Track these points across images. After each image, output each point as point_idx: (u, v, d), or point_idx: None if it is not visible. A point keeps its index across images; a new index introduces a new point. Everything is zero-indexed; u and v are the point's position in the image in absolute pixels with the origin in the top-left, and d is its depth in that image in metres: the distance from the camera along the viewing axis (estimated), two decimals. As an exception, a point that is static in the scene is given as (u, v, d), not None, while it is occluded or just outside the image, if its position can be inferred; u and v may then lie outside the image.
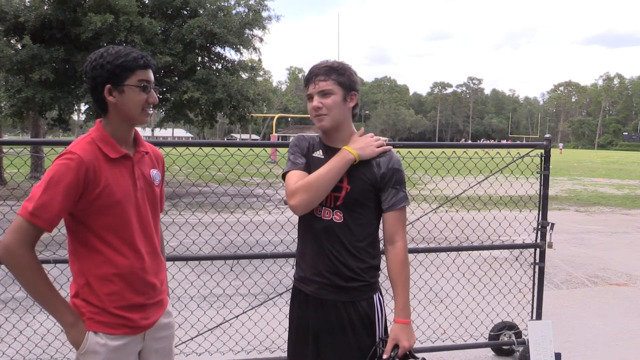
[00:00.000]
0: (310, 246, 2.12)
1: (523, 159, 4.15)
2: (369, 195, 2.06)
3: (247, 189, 13.67)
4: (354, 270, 2.06)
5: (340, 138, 2.11)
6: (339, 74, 2.05)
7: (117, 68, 1.83)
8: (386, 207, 2.08)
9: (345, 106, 2.07)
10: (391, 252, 2.08)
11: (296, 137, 2.21)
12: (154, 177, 2.04)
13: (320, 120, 2.06)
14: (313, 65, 2.10)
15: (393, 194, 2.06)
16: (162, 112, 18.65)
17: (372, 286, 2.12)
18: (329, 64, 2.07)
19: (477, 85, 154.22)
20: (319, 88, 2.04)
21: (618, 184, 21.91)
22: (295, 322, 2.18)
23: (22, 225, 1.72)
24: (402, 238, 2.09)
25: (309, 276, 2.11)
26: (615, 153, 79.67)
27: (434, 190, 5.58)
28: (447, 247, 4.52)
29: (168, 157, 3.39)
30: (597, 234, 9.95)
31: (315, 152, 2.14)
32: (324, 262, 2.07)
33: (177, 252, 5.15)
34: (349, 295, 2.07)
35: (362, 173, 2.05)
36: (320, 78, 2.04)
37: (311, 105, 2.06)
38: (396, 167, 2.08)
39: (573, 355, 4.33)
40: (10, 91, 14.77)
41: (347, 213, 2.05)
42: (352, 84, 2.08)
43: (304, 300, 2.14)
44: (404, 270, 2.08)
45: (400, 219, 2.09)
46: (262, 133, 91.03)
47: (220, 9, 16.64)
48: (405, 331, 2.04)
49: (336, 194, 2.04)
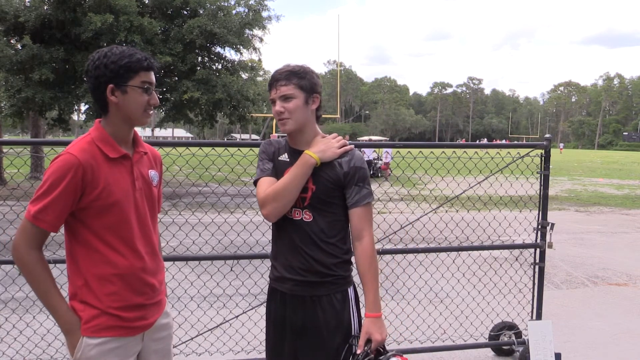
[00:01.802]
0: (283, 246, 2.17)
1: (523, 159, 4.15)
2: (334, 194, 2.12)
3: (247, 189, 13.66)
4: (326, 265, 2.11)
5: (304, 140, 2.16)
6: (300, 77, 2.09)
7: (121, 68, 1.84)
8: (351, 204, 2.13)
9: (308, 109, 2.12)
10: (359, 248, 2.12)
11: (263, 143, 2.28)
12: (152, 177, 2.04)
13: (284, 124, 2.12)
14: (275, 70, 2.15)
15: (356, 191, 2.12)
16: (162, 112, 18.65)
17: (346, 279, 2.17)
18: (290, 69, 2.11)
19: (477, 85, 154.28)
20: (280, 93, 2.09)
21: (618, 184, 21.92)
22: (273, 321, 2.22)
23: (27, 227, 1.79)
24: (368, 233, 2.13)
25: (284, 274, 2.16)
26: (615, 153, 79.66)
27: (434, 190, 5.58)
28: (447, 247, 4.53)
29: (168, 157, 3.40)
30: (597, 234, 9.95)
31: (281, 155, 2.21)
32: (298, 260, 2.12)
33: (177, 252, 5.14)
34: (323, 290, 2.12)
35: (325, 173, 2.11)
36: (281, 83, 2.09)
37: (274, 110, 2.12)
38: (358, 165, 2.13)
39: (573, 355, 4.33)
40: (10, 91, 14.78)
41: (316, 212, 2.11)
42: (313, 87, 2.12)
43: (281, 298, 2.18)
44: (372, 264, 2.11)
45: (365, 215, 2.13)
46: (262, 133, 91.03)
47: (220, 9, 16.63)
48: (377, 325, 2.07)
49: (303, 194, 2.11)
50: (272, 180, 2.14)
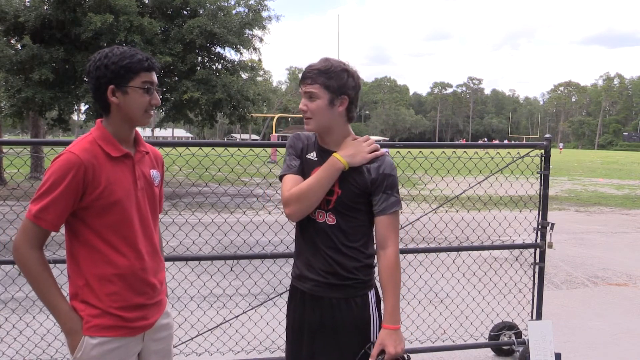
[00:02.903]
0: (306, 246, 2.13)
1: (523, 159, 4.15)
2: (360, 200, 2.06)
3: (247, 189, 13.67)
4: (347, 269, 2.07)
5: (333, 141, 2.10)
6: (327, 77, 2.01)
7: (121, 69, 1.84)
8: (377, 212, 2.06)
9: (333, 110, 2.04)
10: (382, 257, 2.06)
11: (292, 137, 2.21)
12: (153, 177, 2.04)
13: (307, 123, 2.08)
14: (307, 65, 2.07)
15: (384, 199, 2.05)
16: (162, 112, 18.64)
17: (367, 283, 2.13)
18: (320, 66, 2.04)
19: (477, 85, 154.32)
20: (306, 90, 2.04)
21: (618, 184, 21.91)
22: (292, 320, 2.19)
23: (28, 226, 1.79)
24: (393, 243, 2.06)
25: (305, 274, 2.13)
26: (615, 153, 79.65)
27: (434, 190, 5.58)
28: (447, 247, 4.53)
29: (168, 157, 3.40)
30: (597, 234, 9.95)
31: (310, 153, 2.14)
32: (319, 262, 2.08)
33: (177, 252, 5.14)
34: (344, 292, 2.08)
35: (352, 178, 2.05)
36: (307, 81, 2.04)
37: (299, 107, 2.09)
38: (387, 172, 2.05)
39: (573, 355, 4.33)
40: (10, 91, 14.77)
41: (340, 216, 2.06)
42: (341, 88, 2.03)
43: (301, 297, 2.15)
44: (394, 275, 2.04)
45: (391, 224, 2.06)
46: (262, 133, 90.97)
47: (220, 9, 16.63)
48: (392, 337, 2.00)
49: (328, 197, 2.05)
50: (298, 179, 2.08)
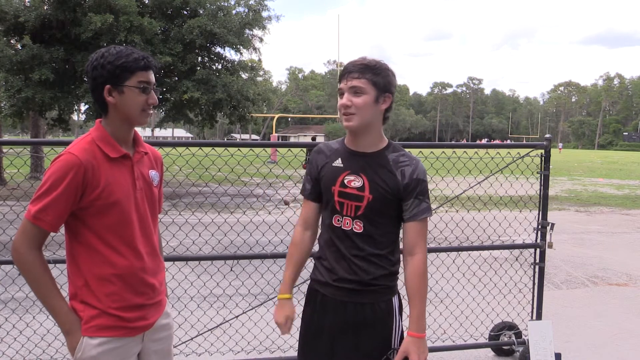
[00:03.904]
0: (329, 250, 2.09)
1: (523, 159, 4.15)
2: (391, 205, 2.01)
3: (247, 189, 13.67)
4: (374, 276, 2.03)
5: (367, 142, 2.04)
6: (375, 73, 1.96)
7: (117, 69, 1.83)
8: (407, 218, 2.02)
9: (377, 108, 1.99)
10: (410, 264, 2.01)
11: (314, 152, 2.15)
12: (152, 177, 2.03)
13: (348, 120, 1.98)
14: (349, 61, 2.02)
15: (415, 205, 2.00)
16: (162, 112, 18.66)
17: (391, 289, 2.08)
18: (366, 62, 1.98)
19: (477, 85, 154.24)
20: (351, 84, 1.96)
21: (618, 184, 21.91)
22: (309, 323, 2.15)
23: (27, 227, 1.79)
24: (422, 250, 2.01)
25: (327, 280, 2.08)
26: (615, 153, 79.63)
27: (434, 190, 5.58)
28: (447, 247, 4.52)
29: (168, 157, 3.40)
30: (597, 234, 9.95)
31: (334, 161, 2.07)
32: (343, 268, 2.04)
33: (177, 252, 5.14)
34: (367, 298, 2.04)
35: (384, 182, 1.99)
36: (353, 75, 1.96)
37: (340, 102, 1.99)
38: (421, 177, 2.01)
39: (573, 355, 4.32)
40: (10, 91, 14.76)
41: (368, 222, 2.00)
42: (387, 85, 1.99)
43: (321, 301, 2.10)
44: (422, 283, 2.00)
45: (421, 230, 2.02)
46: (262, 133, 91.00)
47: (220, 9, 16.63)
48: (416, 345, 1.96)
49: (357, 203, 1.99)
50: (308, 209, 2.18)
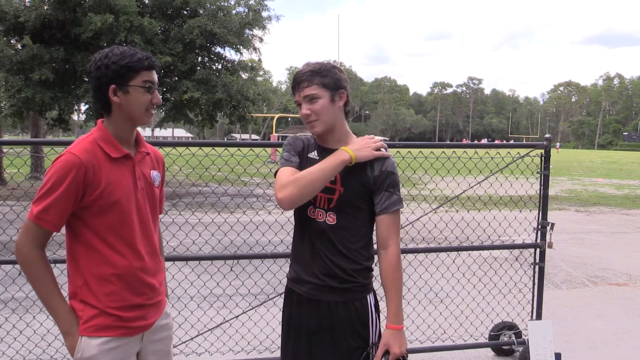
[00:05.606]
0: (304, 247, 2.11)
1: (523, 159, 4.16)
2: (363, 198, 2.04)
3: (247, 189, 13.67)
4: (347, 271, 2.04)
5: (335, 139, 2.09)
6: (322, 75, 2.01)
7: (122, 68, 1.84)
8: (379, 210, 2.04)
9: (335, 107, 2.04)
10: (384, 257, 2.03)
11: (291, 137, 2.19)
12: (154, 178, 2.04)
13: (313, 126, 2.04)
14: (296, 72, 2.07)
15: (386, 197, 2.03)
16: (162, 112, 18.64)
17: (366, 287, 2.10)
18: (310, 68, 2.03)
19: (477, 85, 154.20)
20: (304, 94, 2.01)
21: (618, 184, 21.91)
22: (288, 322, 2.17)
23: (29, 227, 1.80)
24: (395, 242, 2.03)
25: (303, 277, 2.10)
26: (615, 153, 79.63)
27: (434, 190, 5.58)
28: (447, 247, 4.52)
29: (168, 157, 3.40)
30: (597, 234, 9.95)
31: (311, 152, 2.12)
32: (318, 264, 2.05)
33: (177, 252, 5.14)
34: (342, 296, 2.05)
35: (355, 176, 2.02)
36: (303, 85, 2.01)
37: (300, 113, 2.04)
38: (390, 170, 2.04)
39: (573, 355, 4.33)
40: (10, 91, 14.76)
41: (341, 215, 2.03)
42: (337, 83, 2.04)
43: (297, 300, 2.13)
44: (396, 275, 2.02)
45: (393, 223, 2.04)
46: (262, 133, 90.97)
47: (220, 9, 16.63)
48: (397, 337, 1.99)
49: (329, 195, 2.02)
50: (297, 171, 2.03)
